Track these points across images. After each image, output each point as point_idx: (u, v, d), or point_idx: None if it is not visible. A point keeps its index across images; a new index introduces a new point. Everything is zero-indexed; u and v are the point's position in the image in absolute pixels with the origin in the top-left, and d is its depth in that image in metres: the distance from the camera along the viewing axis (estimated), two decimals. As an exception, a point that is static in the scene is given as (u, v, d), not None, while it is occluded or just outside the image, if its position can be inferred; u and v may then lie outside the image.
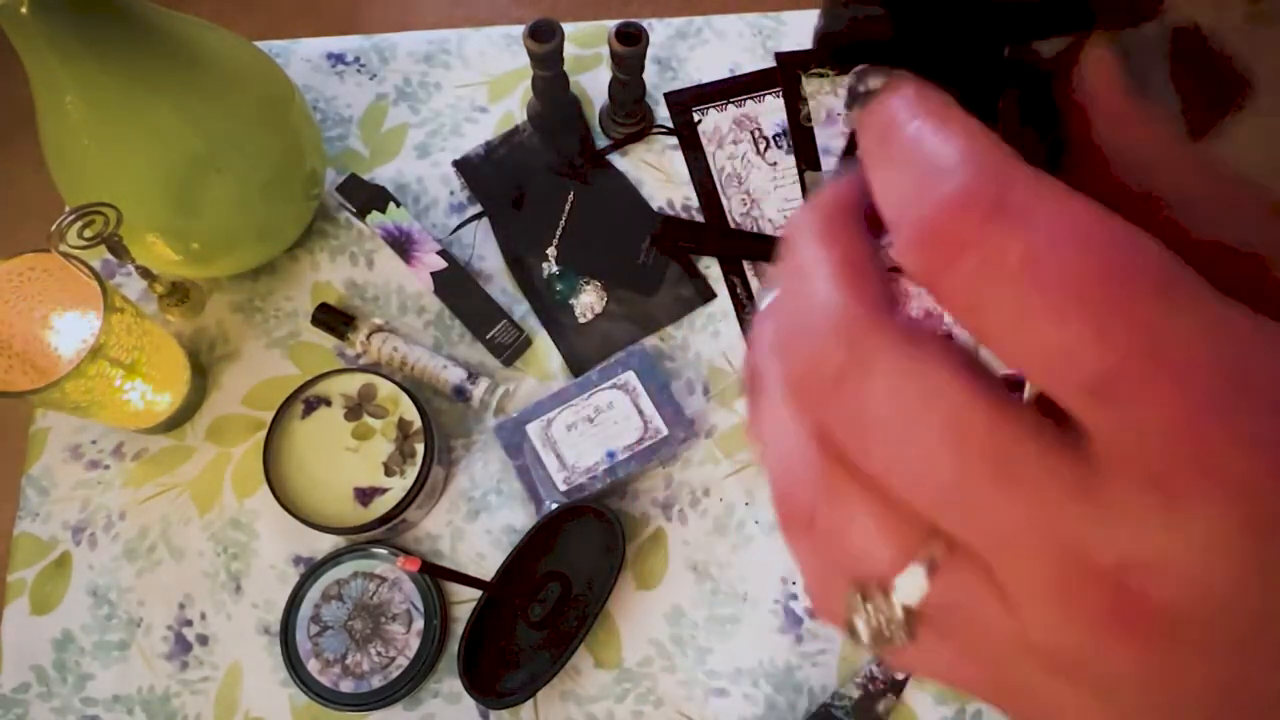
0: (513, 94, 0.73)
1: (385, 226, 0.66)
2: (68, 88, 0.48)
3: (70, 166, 0.53)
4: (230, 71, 0.54)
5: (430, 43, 0.74)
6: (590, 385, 0.61)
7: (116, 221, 0.51)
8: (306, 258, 0.68)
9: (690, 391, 0.64)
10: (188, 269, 0.62)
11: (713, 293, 0.67)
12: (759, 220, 0.69)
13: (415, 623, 0.58)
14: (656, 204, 0.69)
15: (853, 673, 0.58)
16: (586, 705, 0.58)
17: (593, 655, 0.59)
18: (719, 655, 0.59)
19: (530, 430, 0.60)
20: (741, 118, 0.72)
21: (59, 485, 0.62)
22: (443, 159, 0.70)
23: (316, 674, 0.57)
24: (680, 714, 0.58)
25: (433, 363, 0.63)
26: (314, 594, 0.58)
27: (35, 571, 0.61)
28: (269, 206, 0.59)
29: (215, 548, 0.61)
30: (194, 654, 0.59)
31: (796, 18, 0.75)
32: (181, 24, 0.52)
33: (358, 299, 0.67)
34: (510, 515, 0.62)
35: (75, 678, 0.58)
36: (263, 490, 0.61)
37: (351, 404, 0.58)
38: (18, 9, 0.43)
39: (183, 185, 0.53)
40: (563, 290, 0.66)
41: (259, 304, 0.66)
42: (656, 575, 0.60)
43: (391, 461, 0.57)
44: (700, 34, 0.75)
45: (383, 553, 0.58)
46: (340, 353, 0.65)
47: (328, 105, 0.72)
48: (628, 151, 0.71)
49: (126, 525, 0.61)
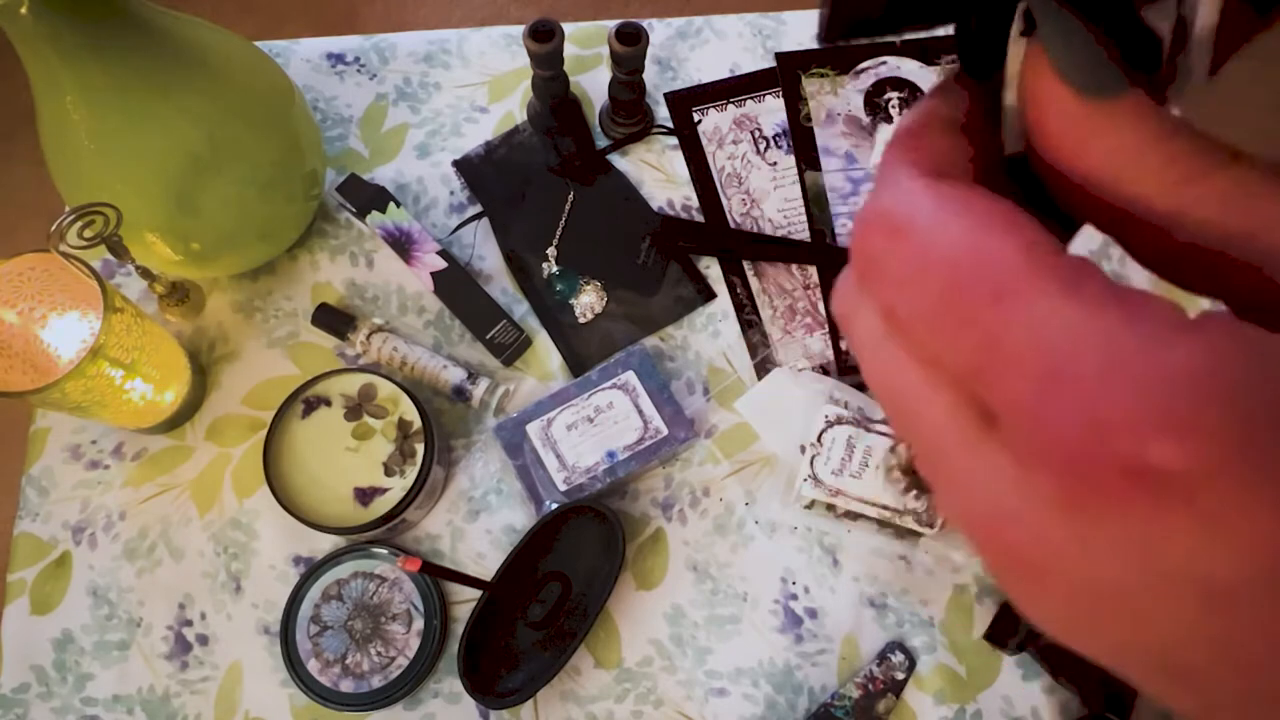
0: (513, 94, 0.73)
1: (385, 226, 0.66)
2: (68, 88, 0.48)
3: (70, 166, 0.53)
4: (230, 71, 0.54)
5: (430, 43, 0.74)
6: (590, 385, 0.61)
7: (116, 221, 0.51)
8: (306, 258, 0.68)
9: (690, 391, 0.64)
10: (188, 269, 0.62)
11: (713, 293, 0.67)
12: (759, 220, 0.69)
13: (415, 623, 0.58)
14: (656, 204, 0.69)
15: (853, 673, 0.58)
16: (586, 705, 0.58)
17: (593, 655, 0.59)
18: (719, 655, 0.59)
19: (530, 430, 0.60)
20: (741, 118, 0.72)
21: (59, 485, 0.62)
22: (443, 159, 0.70)
23: (316, 674, 0.57)
24: (680, 714, 0.58)
25: (433, 363, 0.63)
26: (314, 594, 0.58)
27: (35, 571, 0.61)
28: (269, 206, 0.59)
29: (215, 548, 0.61)
30: (194, 654, 0.59)
31: (796, 18, 0.75)
32: (181, 24, 0.52)
33: (358, 299, 0.67)
34: (510, 515, 0.62)
35: (75, 678, 0.58)
36: (263, 490, 0.61)
37: (351, 404, 0.58)
38: (18, 9, 0.43)
39: (183, 185, 0.53)
40: (563, 290, 0.66)
41: (259, 304, 0.66)
42: (656, 575, 0.60)
43: (391, 461, 0.57)
44: (700, 34, 0.75)
45: (383, 553, 0.58)
46: (340, 353, 0.65)
47: (328, 105, 0.72)
48: (628, 151, 0.71)
49: (126, 525, 0.61)
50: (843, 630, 0.59)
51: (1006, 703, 0.57)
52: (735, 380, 0.65)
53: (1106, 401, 0.12)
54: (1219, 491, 0.12)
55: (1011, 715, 0.57)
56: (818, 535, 0.61)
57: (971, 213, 0.15)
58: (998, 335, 0.14)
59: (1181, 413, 0.12)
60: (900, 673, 0.57)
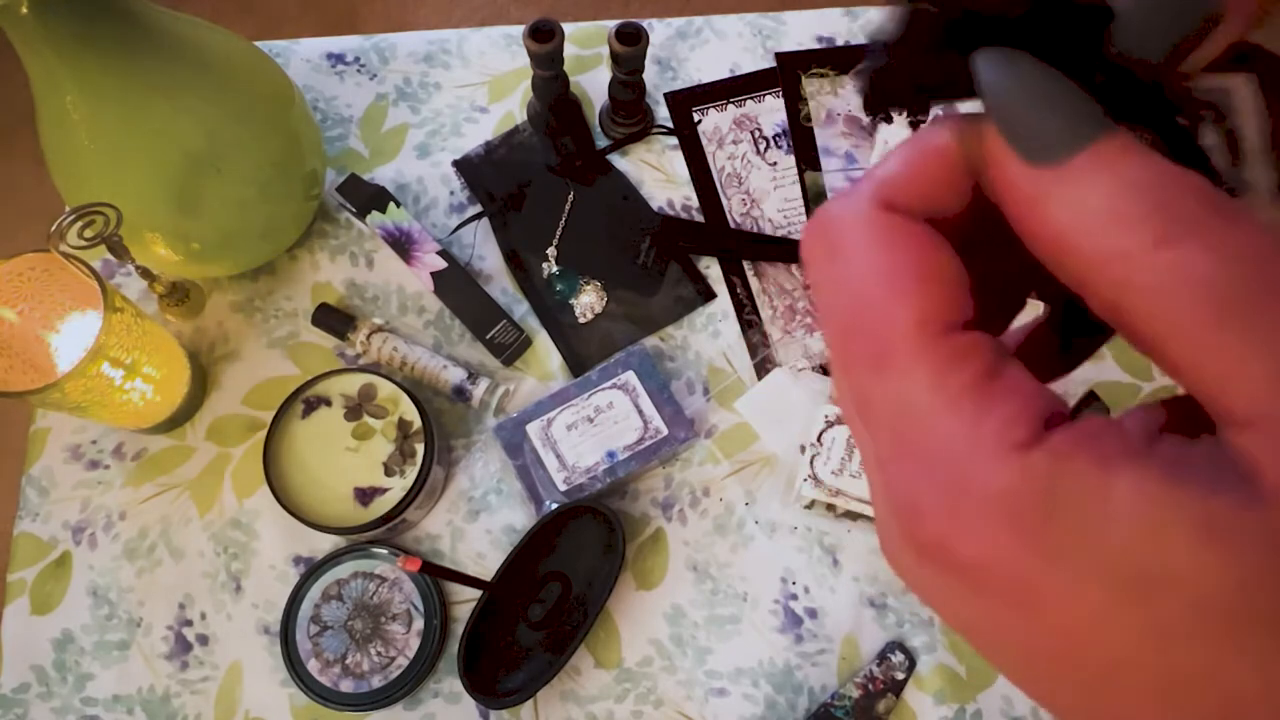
0: (513, 94, 0.73)
1: (385, 226, 0.66)
2: (68, 88, 0.48)
3: (70, 166, 0.53)
4: (230, 71, 0.54)
5: (430, 43, 0.74)
6: (590, 385, 0.61)
7: (116, 221, 0.51)
8: (306, 258, 0.68)
9: (690, 391, 0.64)
10: (188, 269, 0.62)
11: (713, 293, 0.67)
12: (759, 220, 0.69)
13: (415, 623, 0.58)
14: (656, 204, 0.69)
15: (853, 673, 0.58)
16: (586, 705, 0.58)
17: (593, 655, 0.59)
18: (719, 655, 0.59)
19: (530, 430, 0.60)
20: (741, 118, 0.72)
21: (59, 485, 0.62)
22: (443, 159, 0.70)
23: (316, 674, 0.57)
24: (680, 714, 0.58)
25: (433, 363, 0.63)
26: (314, 594, 0.58)
27: (35, 571, 0.61)
28: (269, 206, 0.59)
29: (215, 548, 0.61)
30: (194, 654, 0.59)
31: (796, 18, 0.75)
32: (181, 24, 0.52)
33: (358, 299, 0.67)
34: (510, 515, 0.62)
35: (75, 678, 0.58)
36: (263, 490, 0.61)
37: (351, 404, 0.58)
38: (18, 9, 0.43)
39: (183, 185, 0.53)
40: (563, 290, 0.66)
41: (259, 304, 0.66)
42: (656, 575, 0.60)
43: (391, 461, 0.57)
44: (700, 34, 0.75)
45: (383, 553, 0.58)
46: (340, 353, 0.65)
47: (328, 105, 0.72)
48: (628, 151, 0.71)
49: (126, 525, 0.61)
50: (843, 630, 0.59)
51: (1006, 703, 0.57)
52: (735, 380, 0.65)
53: (927, 487, 0.14)
54: (1000, 582, 0.14)
55: (1011, 715, 0.57)
56: (818, 535, 0.61)
57: (892, 262, 0.15)
58: (868, 393, 0.15)
59: (979, 529, 0.13)
60: (900, 673, 0.57)
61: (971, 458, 0.14)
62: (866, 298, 0.15)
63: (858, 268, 0.15)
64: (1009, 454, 0.13)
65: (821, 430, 0.60)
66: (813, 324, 0.66)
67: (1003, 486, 0.13)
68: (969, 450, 0.14)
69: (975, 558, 0.13)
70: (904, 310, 0.15)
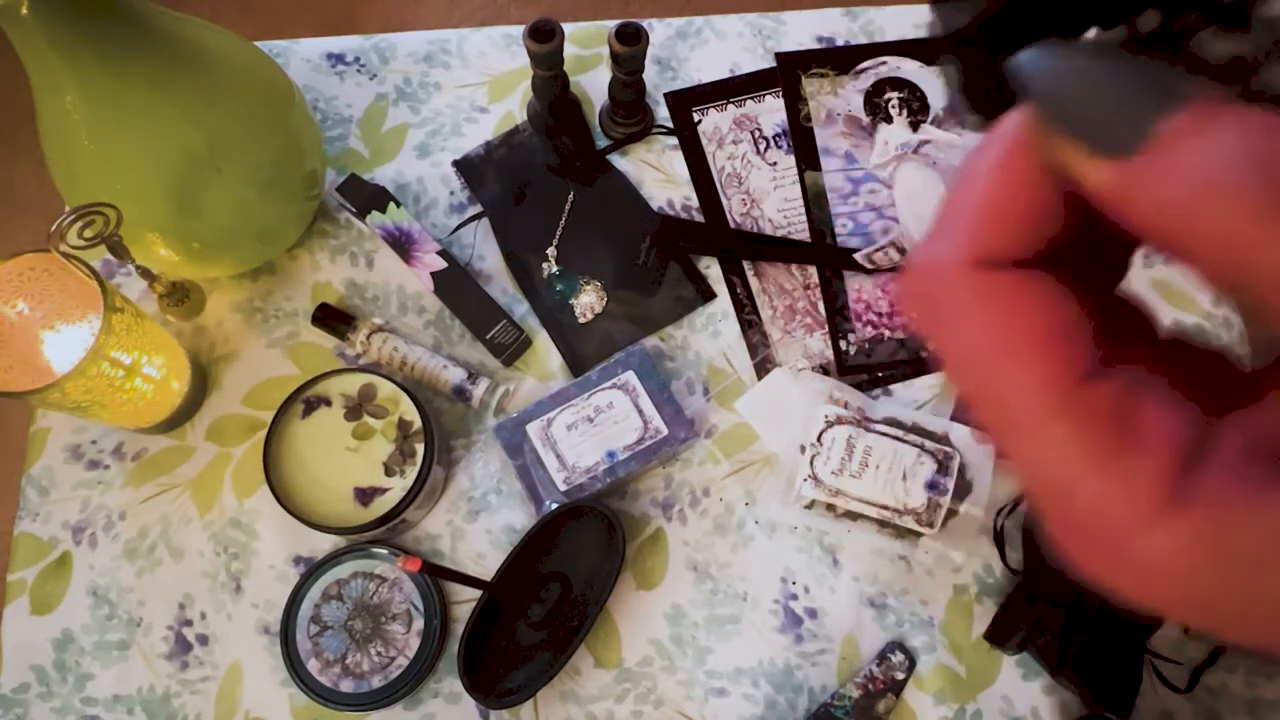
0: (513, 94, 0.73)
1: (385, 226, 0.66)
2: (68, 88, 0.48)
3: (70, 166, 0.53)
4: (230, 71, 0.54)
5: (430, 43, 0.74)
6: (590, 385, 0.61)
7: (116, 221, 0.51)
8: (306, 258, 0.68)
9: (690, 391, 0.64)
10: (188, 269, 0.62)
11: (713, 293, 0.67)
12: (759, 220, 0.69)
13: (415, 623, 0.58)
14: (656, 204, 0.69)
15: (853, 673, 0.58)
16: (586, 705, 0.58)
17: (593, 655, 0.59)
18: (719, 655, 0.59)
19: (530, 430, 0.60)
20: (741, 118, 0.72)
21: (59, 485, 0.62)
22: (443, 159, 0.70)
23: (316, 674, 0.57)
24: (680, 714, 0.58)
25: (433, 363, 0.63)
26: (314, 594, 0.58)
27: (35, 571, 0.61)
28: (269, 206, 0.59)
29: (215, 548, 0.61)
30: (194, 654, 0.59)
31: (796, 18, 0.75)
32: (181, 24, 0.52)
33: (358, 299, 0.67)
34: (510, 515, 0.62)
35: (75, 678, 0.58)
36: (263, 490, 0.61)
37: (351, 404, 0.58)
38: (18, 9, 0.43)
39: (183, 185, 0.53)
40: (563, 290, 0.66)
41: (259, 304, 0.66)
42: (656, 575, 0.60)
43: (391, 461, 0.57)
44: (700, 34, 0.75)
45: (383, 553, 0.58)
46: (340, 353, 0.65)
47: (328, 105, 0.72)
48: (628, 151, 0.71)
49: (126, 525, 0.61)
50: (843, 630, 0.59)
51: (1006, 703, 0.57)
52: (735, 380, 0.65)
53: (1081, 549, 0.14)
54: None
55: (1011, 715, 0.57)
56: (818, 535, 0.61)
57: (999, 327, 0.14)
58: (1009, 449, 0.15)
59: (1140, 592, 0.13)
60: (900, 673, 0.57)
61: (1132, 531, 0.13)
62: (986, 367, 0.14)
63: (967, 340, 0.15)
64: (1164, 521, 0.13)
65: (821, 430, 0.60)
66: (812, 324, 0.66)
67: (1165, 549, 0.13)
68: (1129, 524, 0.13)
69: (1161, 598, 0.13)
70: (1027, 375, 0.14)
